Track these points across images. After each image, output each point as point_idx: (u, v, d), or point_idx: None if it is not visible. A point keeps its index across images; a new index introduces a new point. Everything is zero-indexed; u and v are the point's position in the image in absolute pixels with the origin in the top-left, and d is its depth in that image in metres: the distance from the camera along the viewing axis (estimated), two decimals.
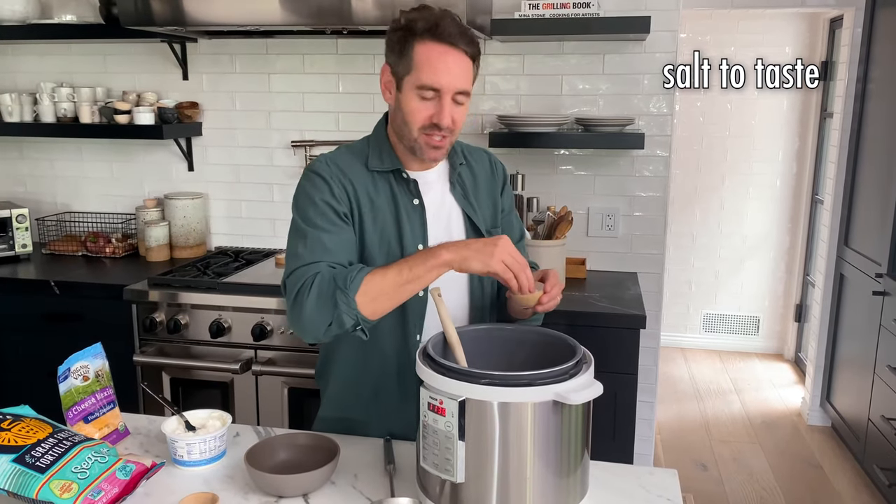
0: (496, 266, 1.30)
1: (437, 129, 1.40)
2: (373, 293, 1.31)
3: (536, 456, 1.09)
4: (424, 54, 1.37)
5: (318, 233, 1.38)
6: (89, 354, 1.41)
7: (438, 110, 1.38)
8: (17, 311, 2.59)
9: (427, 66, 1.36)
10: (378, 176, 1.47)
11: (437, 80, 1.36)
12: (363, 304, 1.31)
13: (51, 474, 1.12)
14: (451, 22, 1.38)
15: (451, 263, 1.31)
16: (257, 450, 1.29)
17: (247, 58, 2.88)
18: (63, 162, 3.13)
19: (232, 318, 2.39)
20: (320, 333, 1.34)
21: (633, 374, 2.28)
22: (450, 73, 1.37)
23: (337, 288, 1.30)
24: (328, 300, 1.30)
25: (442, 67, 1.36)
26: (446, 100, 1.38)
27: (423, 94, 1.38)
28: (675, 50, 2.60)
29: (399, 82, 1.41)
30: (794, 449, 3.50)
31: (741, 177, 4.64)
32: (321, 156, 1.50)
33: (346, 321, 1.31)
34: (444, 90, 1.37)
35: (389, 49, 1.42)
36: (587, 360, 1.17)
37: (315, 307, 1.31)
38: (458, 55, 1.38)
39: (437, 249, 1.33)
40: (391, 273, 1.33)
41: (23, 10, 2.79)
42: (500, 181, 1.63)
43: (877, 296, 3.00)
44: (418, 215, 1.48)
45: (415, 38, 1.37)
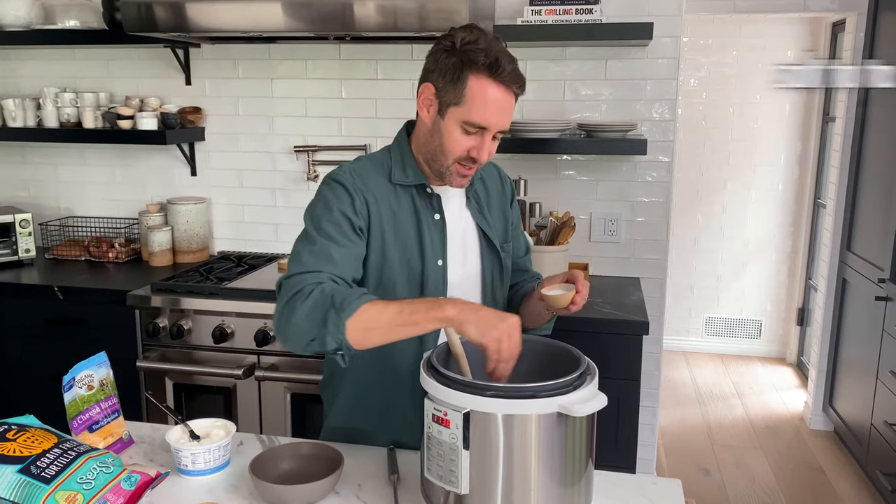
0: (490, 342, 1.21)
1: (473, 163, 1.40)
2: (365, 324, 1.26)
3: (540, 467, 1.09)
4: (479, 92, 1.33)
5: (328, 243, 1.36)
6: (94, 363, 1.41)
7: (479, 145, 1.38)
8: (21, 317, 2.60)
9: (480, 105, 1.34)
10: (400, 189, 1.46)
11: (486, 119, 1.35)
12: (352, 331, 1.25)
13: (56, 485, 1.12)
14: (508, 59, 1.34)
15: (451, 321, 1.23)
16: (261, 459, 1.29)
17: (249, 63, 2.89)
18: (66, 167, 3.14)
19: (235, 324, 2.40)
20: (300, 346, 1.30)
21: (636, 380, 2.28)
22: (500, 114, 1.36)
23: (332, 307, 1.26)
24: (319, 316, 1.26)
25: (493, 108, 1.34)
26: (488, 137, 1.38)
27: (468, 129, 1.36)
28: (678, 55, 2.60)
29: (443, 108, 1.38)
30: (797, 453, 3.50)
31: (743, 181, 4.64)
32: (344, 165, 1.47)
33: (329, 342, 1.26)
34: (491, 129, 1.37)
35: (438, 71, 1.37)
36: (591, 372, 1.17)
37: (305, 318, 1.27)
38: (509, 95, 1.36)
39: (443, 303, 1.25)
40: (390, 311, 1.26)
41: (26, 16, 2.80)
42: (509, 194, 1.64)
43: (879, 301, 3.00)
44: (439, 230, 1.47)
45: (471, 71, 1.33)
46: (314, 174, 2.89)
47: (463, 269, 1.51)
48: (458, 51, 1.34)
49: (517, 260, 1.68)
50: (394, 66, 2.78)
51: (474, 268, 1.53)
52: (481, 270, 1.54)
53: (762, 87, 4.50)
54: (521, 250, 1.70)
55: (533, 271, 1.73)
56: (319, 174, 2.89)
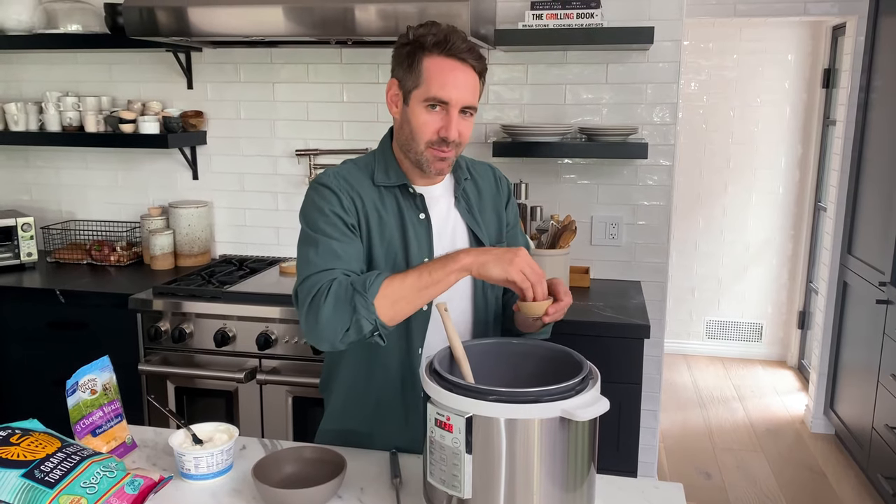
0: (515, 274, 1.29)
1: (444, 143, 1.41)
2: (392, 297, 1.31)
3: (543, 471, 1.10)
4: (434, 68, 1.39)
5: (329, 241, 1.39)
6: (97, 368, 1.41)
7: (446, 123, 1.40)
8: (23, 320, 2.60)
9: (436, 80, 1.38)
10: (385, 191, 1.48)
11: (445, 93, 1.38)
12: (382, 308, 1.30)
13: (60, 489, 1.13)
14: (459, 37, 1.40)
15: (469, 268, 1.30)
16: (264, 463, 1.30)
17: (251, 67, 2.90)
18: (68, 170, 3.14)
19: (236, 327, 2.40)
20: (337, 339, 1.32)
21: (637, 384, 2.29)
22: (458, 88, 1.39)
23: (356, 292, 1.30)
24: (346, 304, 1.30)
25: (451, 81, 1.38)
26: (454, 113, 1.40)
27: (431, 106, 1.39)
28: (679, 59, 2.61)
29: (406, 96, 1.42)
30: (798, 457, 3.50)
31: (744, 184, 4.64)
32: (328, 169, 1.51)
33: (364, 326, 1.30)
34: (453, 104, 1.39)
35: (397, 63, 1.44)
36: (593, 376, 1.18)
37: (333, 312, 1.30)
38: (467, 70, 1.40)
39: (456, 254, 1.32)
40: (411, 277, 1.32)
41: (29, 20, 2.81)
42: (504, 195, 1.64)
43: (880, 304, 3.00)
44: (424, 230, 1.48)
45: (424, 53, 1.39)
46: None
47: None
48: (412, 41, 1.41)
49: None
50: None
51: None
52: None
53: (762, 91, 4.50)
54: None
55: None
56: None
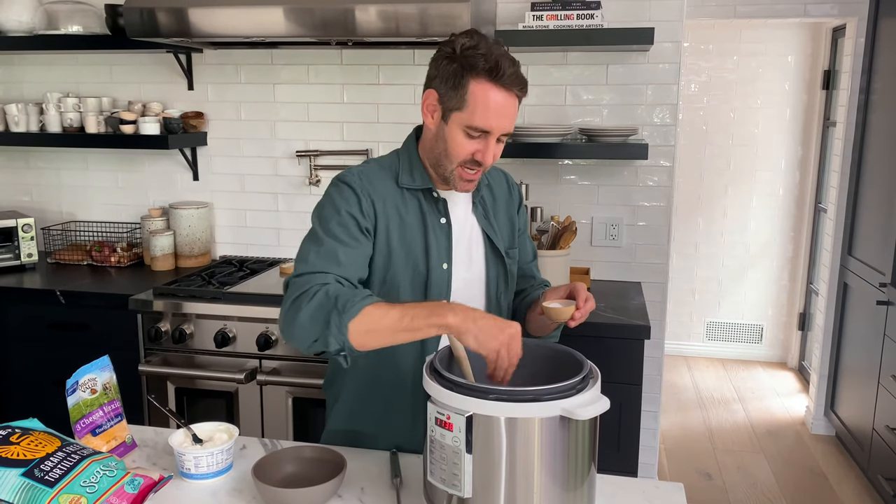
0: (488, 352, 1.21)
1: (477, 166, 1.41)
2: (367, 327, 1.26)
3: (543, 471, 1.09)
4: (481, 96, 1.34)
5: (335, 244, 1.38)
6: (97, 367, 1.41)
7: (483, 149, 1.39)
8: (23, 321, 2.60)
9: (481, 109, 1.35)
10: (407, 192, 1.48)
11: (488, 123, 1.36)
12: (354, 333, 1.26)
13: (60, 488, 1.13)
14: (508, 62, 1.35)
15: (450, 328, 1.22)
16: (264, 463, 1.30)
17: (252, 68, 2.90)
18: (69, 171, 3.14)
19: (237, 328, 2.40)
20: (304, 345, 1.31)
21: (637, 385, 2.29)
22: (502, 117, 1.37)
23: (335, 308, 1.26)
24: (322, 317, 1.27)
25: (495, 111, 1.35)
26: (492, 141, 1.39)
27: (471, 132, 1.38)
28: (679, 60, 2.61)
29: (446, 113, 1.39)
30: (798, 458, 3.50)
31: (744, 185, 4.64)
32: (352, 167, 1.49)
33: (331, 344, 1.27)
34: (493, 133, 1.38)
35: (440, 76, 1.38)
36: (594, 375, 1.18)
37: (309, 318, 1.28)
38: (511, 98, 1.37)
39: (445, 310, 1.24)
40: (392, 315, 1.26)
41: (30, 21, 2.81)
42: (516, 201, 1.64)
43: (881, 305, 3.00)
44: (445, 234, 1.49)
45: (472, 76, 1.34)
46: (316, 179, 2.89)
47: (468, 274, 1.51)
48: (459, 56, 1.35)
49: (524, 266, 1.68)
50: (395, 71, 2.79)
51: (479, 272, 1.54)
52: (486, 275, 1.55)
53: (762, 92, 4.51)
54: (528, 256, 1.70)
55: (540, 278, 1.72)
56: (321, 179, 2.90)
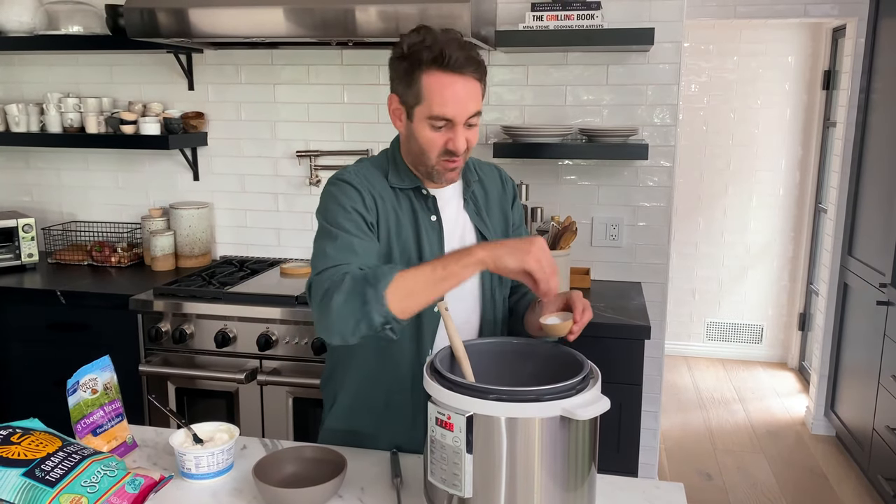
0: (532, 263, 1.25)
1: (453, 155, 1.41)
2: (405, 290, 1.27)
3: (544, 471, 1.10)
4: (433, 85, 1.36)
5: (349, 236, 1.39)
6: (98, 367, 1.41)
7: (452, 137, 1.39)
8: (23, 321, 2.60)
9: (437, 97, 1.36)
10: (399, 192, 1.49)
11: (447, 110, 1.36)
12: (394, 301, 1.26)
13: (60, 488, 1.13)
14: (455, 46, 1.36)
15: (485, 261, 1.27)
16: (265, 463, 1.30)
17: (252, 68, 2.90)
18: (69, 172, 3.15)
19: (237, 328, 2.40)
20: (348, 333, 1.29)
21: (637, 385, 2.29)
22: (459, 102, 1.37)
23: (367, 284, 1.27)
24: (358, 296, 1.27)
25: (451, 97, 1.36)
26: (459, 128, 1.39)
27: (434, 123, 1.38)
28: (679, 61, 2.61)
29: (409, 112, 1.41)
30: (799, 458, 3.50)
31: (744, 185, 4.64)
32: (348, 167, 1.51)
33: (375, 319, 1.26)
34: (457, 119, 1.38)
35: (396, 77, 1.41)
36: (594, 375, 1.18)
37: (344, 304, 1.27)
38: (467, 81, 1.37)
39: (472, 248, 1.29)
40: (425, 270, 1.29)
41: (30, 21, 2.81)
42: (510, 196, 1.64)
43: (881, 305, 3.00)
44: (436, 232, 1.50)
45: (421, 69, 1.36)
46: (316, 179, 2.89)
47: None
48: (407, 54, 1.38)
49: None
50: None
51: None
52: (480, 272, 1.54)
53: (763, 93, 4.51)
54: None
55: None
56: (322, 179, 2.90)
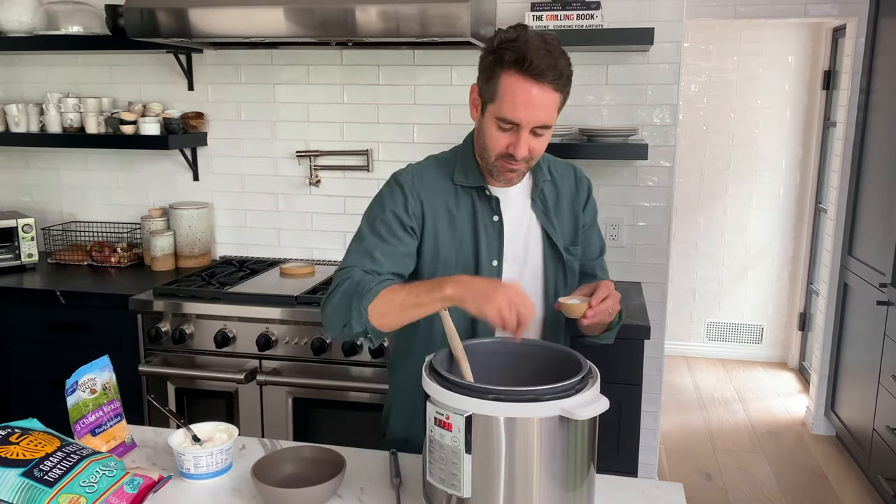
0: (489, 311, 1.22)
1: (513, 158, 1.40)
2: (382, 308, 1.34)
3: (543, 471, 1.09)
4: (508, 86, 1.34)
5: (375, 241, 1.44)
6: (97, 367, 1.41)
7: (514, 142, 1.38)
8: (23, 321, 2.60)
9: (509, 100, 1.34)
10: (461, 190, 1.50)
11: (516, 115, 1.35)
12: (373, 315, 1.35)
13: (59, 488, 1.13)
14: (541, 54, 1.32)
15: (452, 298, 1.27)
16: (264, 463, 1.30)
17: (252, 68, 2.90)
18: (69, 172, 3.15)
19: (237, 328, 2.40)
20: (337, 332, 1.40)
21: (637, 385, 2.29)
22: (530, 109, 1.34)
23: (356, 293, 1.35)
24: (346, 304, 1.36)
25: (522, 103, 1.34)
26: (524, 134, 1.37)
27: (502, 125, 1.38)
28: (679, 61, 2.61)
29: (484, 106, 1.41)
30: (799, 458, 3.49)
31: (744, 185, 4.64)
32: (410, 165, 1.53)
33: (354, 327, 1.36)
34: (523, 125, 1.36)
35: (480, 70, 1.41)
36: (593, 375, 1.18)
37: (336, 306, 1.38)
38: (543, 90, 1.34)
39: (444, 282, 1.30)
40: (401, 294, 1.34)
41: (30, 22, 2.81)
42: (583, 196, 1.61)
43: (881, 305, 3.00)
44: (496, 232, 1.49)
45: (502, 68, 1.35)
46: (316, 179, 2.89)
47: (523, 270, 1.51)
48: (495, 50, 1.36)
49: (587, 262, 1.63)
50: (396, 71, 2.79)
51: (536, 269, 1.53)
52: (543, 272, 1.54)
53: (763, 93, 4.51)
54: (593, 253, 1.65)
55: (602, 277, 1.65)
56: (321, 179, 2.90)
